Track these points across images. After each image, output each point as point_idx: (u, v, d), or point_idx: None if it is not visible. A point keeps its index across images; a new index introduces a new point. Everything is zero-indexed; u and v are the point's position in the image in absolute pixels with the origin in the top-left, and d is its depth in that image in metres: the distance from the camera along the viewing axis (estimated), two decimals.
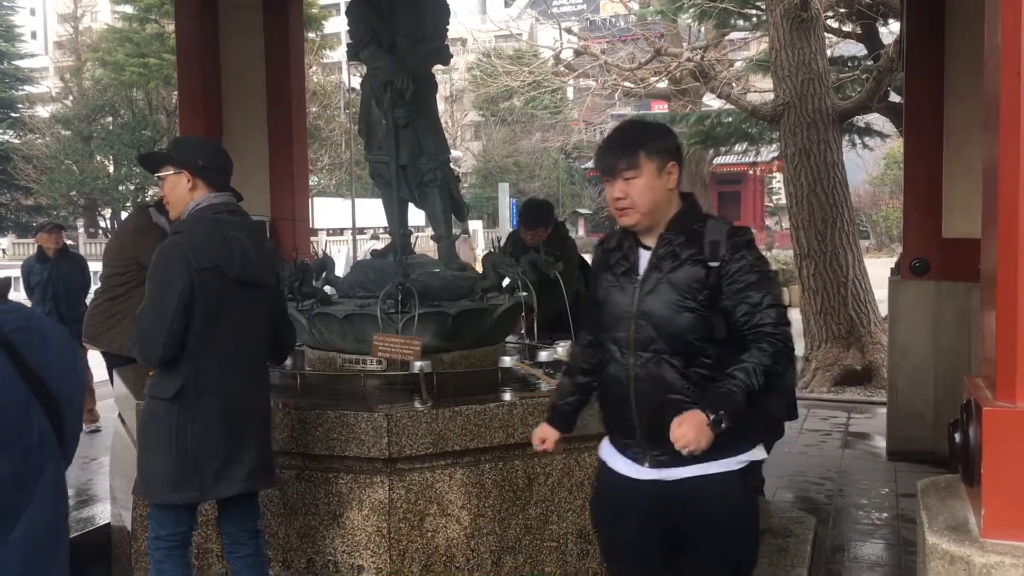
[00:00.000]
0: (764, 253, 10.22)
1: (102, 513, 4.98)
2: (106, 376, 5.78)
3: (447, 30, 4.53)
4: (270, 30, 7.22)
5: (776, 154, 12.09)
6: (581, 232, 42.85)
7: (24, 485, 1.44)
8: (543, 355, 4.28)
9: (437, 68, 4.78)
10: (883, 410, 7.11)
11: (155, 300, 3.01)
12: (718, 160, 22.31)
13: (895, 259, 7.23)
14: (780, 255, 19.00)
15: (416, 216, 6.39)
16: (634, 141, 2.49)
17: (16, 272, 9.40)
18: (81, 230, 39.05)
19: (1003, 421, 1.30)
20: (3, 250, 38.28)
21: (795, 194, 9.52)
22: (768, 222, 42.83)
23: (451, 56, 4.57)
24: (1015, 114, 1.26)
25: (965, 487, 1.49)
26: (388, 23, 4.42)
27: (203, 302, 3.01)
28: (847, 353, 9.17)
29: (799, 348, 9.58)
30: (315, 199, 31.41)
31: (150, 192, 31.28)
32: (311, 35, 30.48)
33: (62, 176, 35.35)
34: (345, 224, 32.78)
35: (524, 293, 4.38)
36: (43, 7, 63.42)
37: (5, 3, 42.84)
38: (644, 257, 2.53)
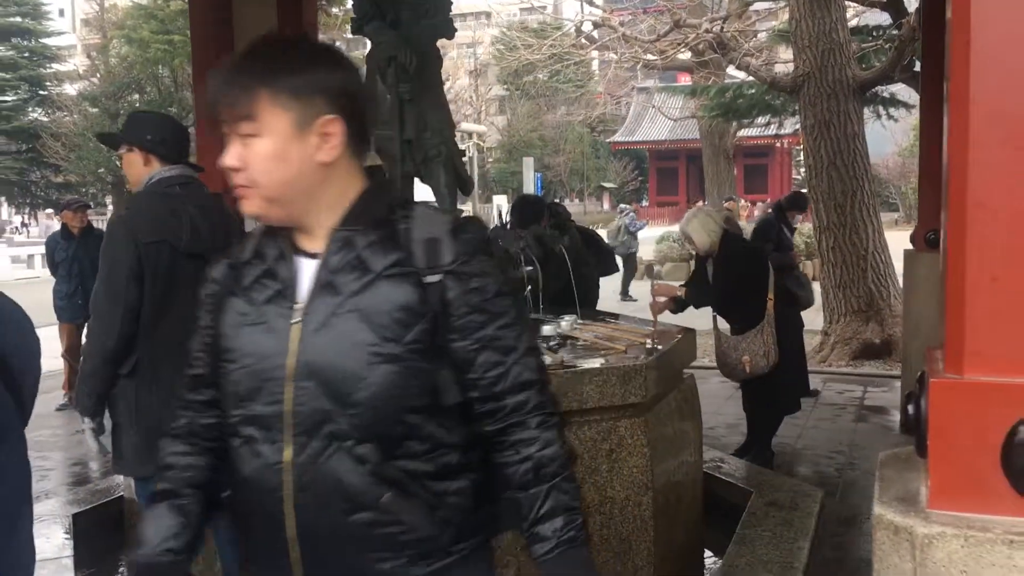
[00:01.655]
0: (796, 226, 9.41)
1: (119, 486, 5.09)
2: None
3: (451, 4, 4.52)
4: (284, 5, 7.21)
5: (799, 126, 11.97)
6: (606, 207, 42.72)
7: None
8: (546, 329, 4.29)
9: (462, 43, 4.77)
10: (900, 384, 7.08)
11: (105, 278, 3.05)
12: (745, 133, 22.12)
13: None
14: (805, 228, 18.79)
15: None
16: (254, 70, 1.46)
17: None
18: (111, 207, 39.50)
19: (948, 392, 1.31)
20: (22, 225, 38.80)
21: (815, 166, 9.44)
22: None
23: (455, 30, 4.55)
24: (963, 87, 1.25)
25: (920, 459, 1.50)
26: None
27: (152, 276, 3.03)
28: (866, 327, 9.12)
29: (818, 322, 9.56)
30: None
31: None
32: (334, 11, 30.45)
33: (90, 153, 35.67)
34: None
35: (529, 267, 4.39)
36: None
37: None
38: (306, 270, 1.52)
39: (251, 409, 1.50)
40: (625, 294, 15.86)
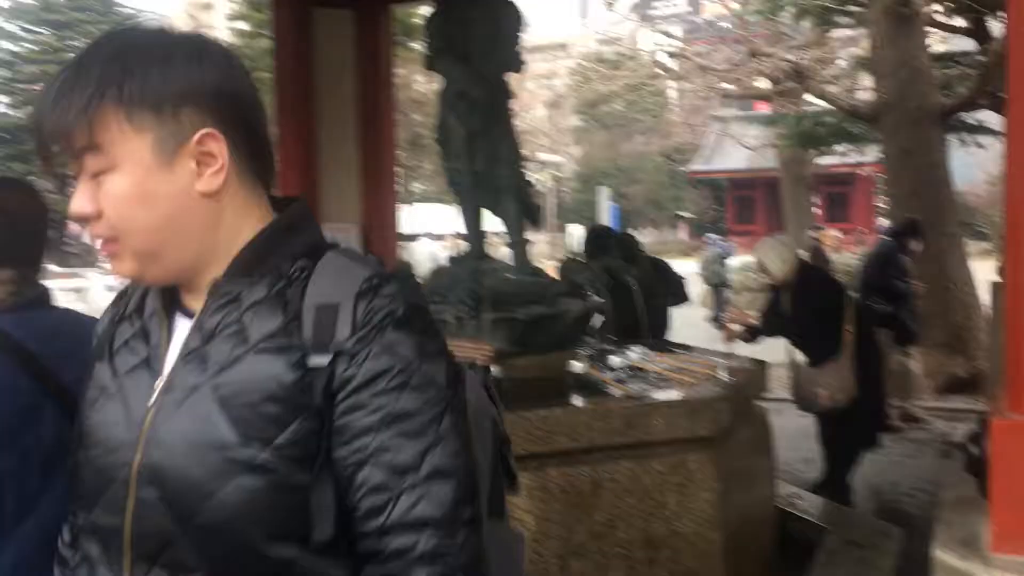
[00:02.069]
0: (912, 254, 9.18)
1: None
2: None
3: (520, 38, 4.58)
4: (361, 40, 7.40)
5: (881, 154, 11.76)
6: (683, 236, 42.38)
7: (25, 489, 1.43)
8: (615, 360, 4.27)
9: (539, 75, 4.85)
10: None
11: None
12: (827, 160, 21.72)
13: None
14: None
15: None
16: (91, 81, 1.02)
17: None
18: None
19: (1010, 432, 1.26)
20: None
21: (897, 195, 9.24)
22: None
23: (524, 63, 4.61)
24: (1020, 114, 1.22)
25: (983, 501, 1.45)
26: (463, 33, 4.50)
27: None
28: (952, 360, 8.81)
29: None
30: (418, 205, 32.03)
31: None
32: (415, 45, 31.08)
33: None
34: (447, 229, 33.31)
35: (600, 299, 4.40)
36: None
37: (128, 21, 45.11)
38: (180, 333, 1.13)
39: (91, 517, 1.10)
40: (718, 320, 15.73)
